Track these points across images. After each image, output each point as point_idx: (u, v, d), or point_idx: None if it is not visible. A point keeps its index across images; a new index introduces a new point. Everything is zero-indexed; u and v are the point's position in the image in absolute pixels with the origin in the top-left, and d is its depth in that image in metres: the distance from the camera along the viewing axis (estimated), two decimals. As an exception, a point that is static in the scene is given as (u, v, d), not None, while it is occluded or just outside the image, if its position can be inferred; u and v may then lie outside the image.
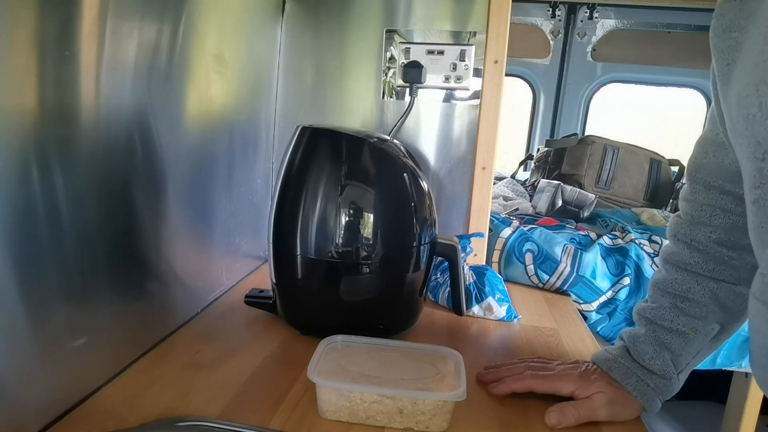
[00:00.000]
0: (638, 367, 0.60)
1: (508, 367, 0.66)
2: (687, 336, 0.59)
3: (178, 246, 0.75)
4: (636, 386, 0.59)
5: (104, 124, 0.56)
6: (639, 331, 0.63)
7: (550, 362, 0.66)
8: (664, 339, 0.60)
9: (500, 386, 0.62)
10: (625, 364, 0.61)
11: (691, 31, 2.10)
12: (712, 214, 0.60)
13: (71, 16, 0.49)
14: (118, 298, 0.62)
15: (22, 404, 0.49)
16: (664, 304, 0.62)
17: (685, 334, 0.59)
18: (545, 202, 1.45)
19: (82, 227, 0.54)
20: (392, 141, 0.78)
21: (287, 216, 0.72)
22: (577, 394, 0.59)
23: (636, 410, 0.60)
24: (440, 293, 0.91)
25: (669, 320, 0.60)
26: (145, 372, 0.64)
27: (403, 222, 0.72)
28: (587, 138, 1.66)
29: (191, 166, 0.76)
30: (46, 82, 0.48)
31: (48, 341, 0.51)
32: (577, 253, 1.05)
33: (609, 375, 0.61)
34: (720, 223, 0.59)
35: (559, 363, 0.66)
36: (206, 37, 0.75)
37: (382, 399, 0.55)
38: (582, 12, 2.19)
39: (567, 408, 0.58)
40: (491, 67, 0.99)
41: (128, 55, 0.59)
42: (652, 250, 1.09)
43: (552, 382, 0.61)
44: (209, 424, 0.54)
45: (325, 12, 1.03)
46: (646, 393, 0.59)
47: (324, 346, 0.63)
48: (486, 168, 1.03)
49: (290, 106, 1.07)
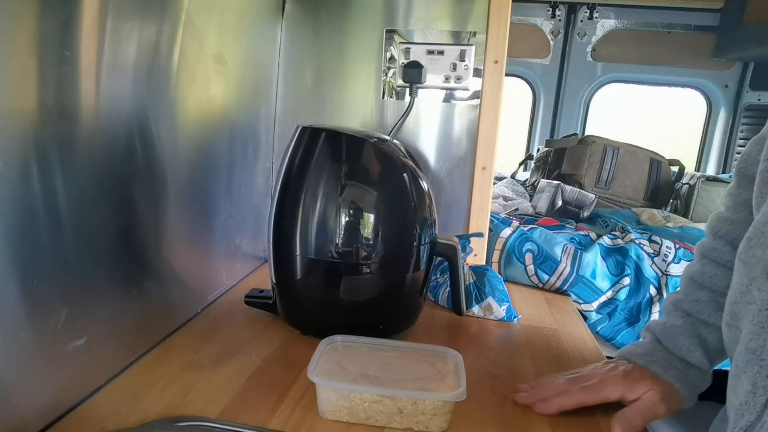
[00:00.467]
0: (676, 359, 0.59)
1: (548, 385, 0.63)
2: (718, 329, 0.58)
3: (178, 246, 0.75)
4: (678, 377, 0.58)
5: (104, 124, 0.56)
6: (674, 322, 0.62)
7: (584, 369, 0.64)
8: (701, 332, 0.59)
9: (549, 406, 0.60)
10: (663, 356, 0.60)
11: (691, 31, 2.10)
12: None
13: (71, 16, 0.49)
14: (118, 298, 0.62)
15: (22, 404, 0.49)
16: (701, 297, 0.61)
17: (721, 329, 0.57)
18: (545, 202, 1.45)
19: (82, 227, 0.54)
20: (392, 141, 0.78)
21: (287, 216, 0.72)
22: (626, 396, 0.58)
23: (678, 402, 0.58)
24: (440, 293, 0.91)
25: (707, 314, 0.60)
26: (145, 372, 0.64)
27: (403, 222, 0.72)
28: (587, 138, 1.66)
29: (191, 166, 0.76)
30: (46, 82, 0.48)
31: (48, 341, 0.51)
32: (577, 253, 1.05)
33: (649, 370, 0.59)
34: None
35: (593, 368, 0.64)
36: (206, 37, 0.75)
37: (382, 399, 0.55)
38: (582, 12, 2.19)
39: (630, 414, 0.56)
40: (491, 67, 0.99)
41: (128, 55, 0.59)
42: (652, 250, 1.09)
43: (599, 391, 0.59)
44: (209, 424, 0.54)
45: (325, 12, 1.03)
46: (687, 384, 0.58)
47: (324, 346, 0.63)
48: (486, 168, 1.03)
49: (290, 106, 1.07)
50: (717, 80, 2.17)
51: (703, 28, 2.08)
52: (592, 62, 2.24)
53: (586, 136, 1.68)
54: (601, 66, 2.25)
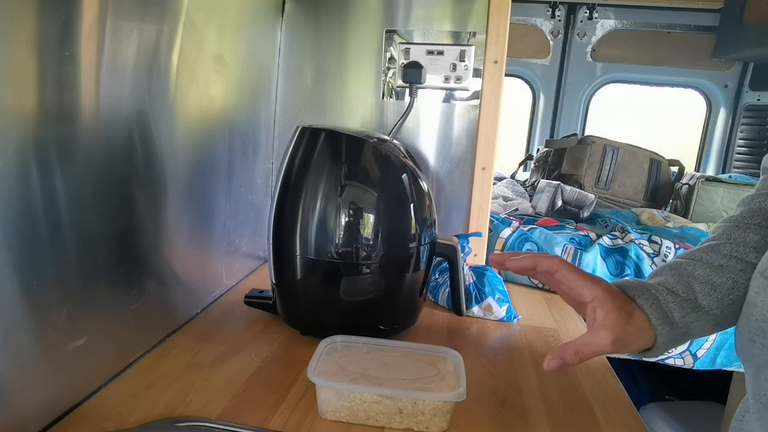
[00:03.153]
0: (657, 289, 0.54)
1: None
2: (714, 267, 0.53)
3: (178, 246, 0.75)
4: (649, 305, 0.52)
5: (104, 124, 0.56)
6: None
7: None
8: (687, 266, 0.54)
9: (521, 260, 0.55)
10: (640, 284, 0.55)
11: (691, 31, 2.10)
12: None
13: (71, 16, 0.49)
14: (118, 298, 0.62)
15: (22, 404, 0.49)
16: (694, 250, 0.57)
17: (712, 265, 0.53)
18: (545, 202, 1.45)
19: (82, 227, 0.54)
20: (392, 141, 0.78)
21: (287, 216, 0.72)
22: (594, 305, 0.52)
23: (645, 338, 0.52)
24: (440, 293, 0.91)
25: (698, 257, 0.55)
26: (145, 372, 0.64)
27: (403, 222, 0.72)
28: (587, 138, 1.66)
29: (191, 166, 0.76)
30: (46, 82, 0.48)
31: (48, 341, 0.51)
32: (576, 253, 1.05)
33: (623, 291, 0.54)
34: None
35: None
36: (206, 37, 0.75)
37: (381, 399, 0.55)
38: (582, 12, 2.19)
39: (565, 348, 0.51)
40: (491, 68, 0.99)
41: (128, 55, 0.59)
42: (651, 251, 1.09)
43: (581, 277, 0.53)
44: (209, 424, 0.54)
45: (325, 12, 1.03)
46: (658, 312, 0.52)
47: (324, 347, 0.63)
48: (486, 168, 1.03)
49: (290, 106, 1.07)
50: (717, 80, 2.17)
51: (703, 28, 2.08)
52: (591, 62, 2.24)
53: (585, 136, 1.68)
54: (600, 66, 2.25)
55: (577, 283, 0.53)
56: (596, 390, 0.66)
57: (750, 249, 0.54)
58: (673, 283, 0.54)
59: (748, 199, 0.59)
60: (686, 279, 0.54)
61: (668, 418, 1.47)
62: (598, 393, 0.66)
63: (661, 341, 0.52)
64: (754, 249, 0.54)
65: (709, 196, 1.51)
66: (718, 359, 1.06)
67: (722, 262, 0.54)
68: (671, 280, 0.54)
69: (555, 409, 0.61)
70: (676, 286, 0.53)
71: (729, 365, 1.07)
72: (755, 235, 0.55)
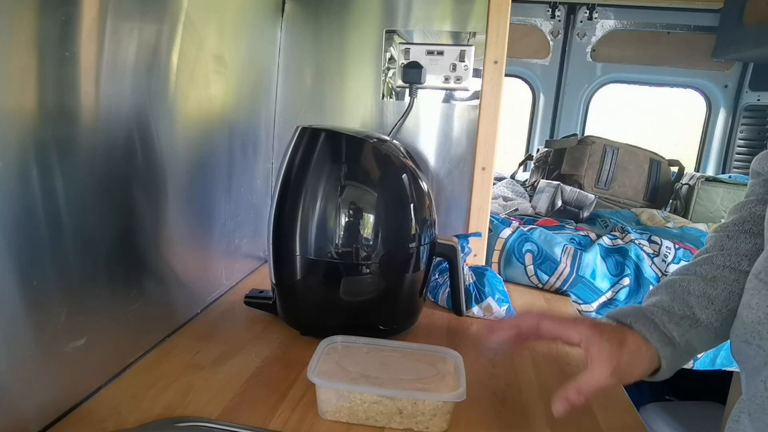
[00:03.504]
0: (653, 311, 0.53)
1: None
2: (708, 279, 0.54)
3: (178, 246, 0.75)
4: (649, 328, 0.52)
5: (104, 125, 0.56)
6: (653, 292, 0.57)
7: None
8: (682, 282, 0.54)
9: (503, 329, 0.56)
10: (635, 309, 0.55)
11: (691, 31, 2.10)
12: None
13: (71, 16, 0.49)
14: (118, 298, 0.62)
15: (22, 404, 0.49)
16: (688, 264, 0.57)
17: (706, 278, 0.54)
18: (545, 202, 1.45)
19: (82, 227, 0.54)
20: (392, 141, 0.78)
21: (287, 216, 0.72)
22: (585, 344, 0.52)
23: (647, 361, 0.51)
24: (440, 293, 0.91)
25: (692, 271, 0.55)
26: (145, 372, 0.64)
27: (403, 222, 0.72)
28: (587, 138, 1.66)
29: (191, 167, 0.76)
30: (46, 82, 0.48)
31: (48, 342, 0.51)
32: (576, 253, 1.05)
33: (618, 320, 0.54)
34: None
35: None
36: (206, 38, 0.75)
37: (381, 399, 0.55)
38: (581, 12, 2.19)
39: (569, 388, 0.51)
40: (491, 68, 0.99)
41: (128, 55, 0.59)
42: (651, 251, 1.09)
43: (563, 324, 0.53)
44: (209, 424, 0.54)
45: (325, 12, 1.03)
46: (656, 334, 0.52)
47: (324, 347, 0.63)
48: (486, 168, 1.03)
49: (290, 106, 1.07)
50: (716, 80, 2.17)
51: (703, 29, 2.08)
52: (591, 62, 2.24)
53: (585, 136, 1.68)
54: (600, 66, 2.25)
55: (561, 330, 0.54)
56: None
57: (742, 257, 0.54)
58: (668, 302, 0.54)
59: (738, 206, 0.60)
60: (682, 295, 0.54)
61: (668, 418, 1.47)
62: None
63: (665, 362, 0.52)
64: (747, 257, 0.54)
65: (709, 196, 1.51)
66: (718, 359, 1.06)
67: (716, 274, 0.54)
68: (667, 299, 0.55)
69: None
70: (672, 305, 0.54)
71: (729, 365, 1.07)
72: (746, 243, 0.55)
